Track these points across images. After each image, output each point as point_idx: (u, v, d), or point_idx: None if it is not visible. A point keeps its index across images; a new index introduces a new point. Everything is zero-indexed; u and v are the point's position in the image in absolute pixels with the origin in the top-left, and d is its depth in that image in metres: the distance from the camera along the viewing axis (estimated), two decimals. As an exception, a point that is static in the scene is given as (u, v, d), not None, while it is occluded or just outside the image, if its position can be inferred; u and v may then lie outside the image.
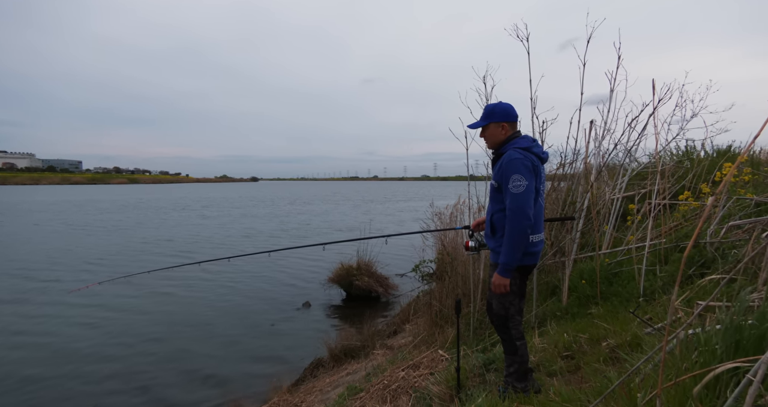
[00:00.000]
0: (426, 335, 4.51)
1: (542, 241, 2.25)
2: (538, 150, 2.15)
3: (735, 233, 2.61)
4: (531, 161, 2.06)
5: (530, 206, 2.03)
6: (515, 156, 2.06)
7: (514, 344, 2.22)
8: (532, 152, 2.11)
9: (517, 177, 2.02)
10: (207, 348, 5.80)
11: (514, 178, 2.03)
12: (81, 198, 43.72)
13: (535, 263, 2.25)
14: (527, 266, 2.21)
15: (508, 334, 2.23)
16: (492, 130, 2.24)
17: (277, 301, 7.95)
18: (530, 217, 2.03)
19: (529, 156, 2.07)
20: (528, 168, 2.04)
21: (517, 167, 2.03)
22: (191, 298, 8.13)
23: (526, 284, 2.32)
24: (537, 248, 2.20)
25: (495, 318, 2.26)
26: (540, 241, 2.22)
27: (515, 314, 2.21)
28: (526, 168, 2.03)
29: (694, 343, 1.41)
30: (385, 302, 7.87)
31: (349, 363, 4.75)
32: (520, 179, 2.02)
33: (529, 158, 2.07)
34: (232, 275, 9.83)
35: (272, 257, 11.88)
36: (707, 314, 1.77)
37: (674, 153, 5.78)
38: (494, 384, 2.50)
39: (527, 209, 2.01)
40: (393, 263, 9.13)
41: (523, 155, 2.07)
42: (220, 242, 15.03)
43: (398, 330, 5.71)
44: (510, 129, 2.22)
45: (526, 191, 2.01)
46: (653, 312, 2.55)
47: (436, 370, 3.26)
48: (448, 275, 4.99)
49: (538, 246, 2.21)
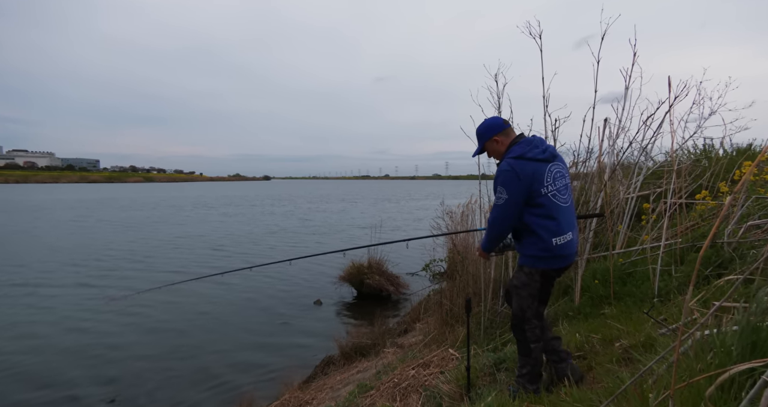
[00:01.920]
0: (436, 334, 4.51)
1: (570, 242, 2.15)
2: (534, 153, 2.11)
3: (754, 233, 2.55)
4: (520, 170, 2.06)
5: (507, 218, 2.11)
6: (502, 168, 2.12)
7: (529, 346, 2.21)
8: (526, 157, 2.10)
9: (500, 189, 2.11)
10: (218, 345, 5.88)
11: (498, 191, 2.13)
12: (103, 196, 44.74)
13: (561, 267, 2.19)
14: (549, 270, 2.16)
15: (523, 336, 2.23)
16: (490, 148, 2.31)
17: (289, 298, 8.03)
18: (506, 227, 2.16)
19: (518, 165, 2.07)
20: (513, 179, 2.05)
21: (501, 179, 2.10)
22: (203, 295, 8.25)
23: (549, 290, 2.28)
24: (562, 252, 2.12)
25: (513, 317, 2.28)
26: (567, 243, 2.13)
27: (532, 317, 2.20)
28: (510, 180, 2.06)
29: (710, 344, 1.38)
30: (396, 301, 7.88)
31: (360, 361, 4.78)
32: (502, 191, 2.10)
33: (519, 167, 2.06)
34: (245, 272, 9.94)
35: (285, 256, 12.07)
36: (723, 315, 1.73)
37: (691, 152, 5.65)
38: (504, 383, 2.49)
39: (503, 221, 2.13)
40: (403, 262, 9.13)
41: (511, 165, 2.08)
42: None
43: (409, 328, 5.72)
44: (506, 138, 2.24)
45: (505, 203, 2.09)
46: (668, 312, 2.51)
47: (446, 369, 3.26)
48: (458, 275, 4.97)
49: (565, 249, 2.13)
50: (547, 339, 2.27)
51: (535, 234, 2.11)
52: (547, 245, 2.09)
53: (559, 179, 2.16)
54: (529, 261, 2.16)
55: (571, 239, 2.15)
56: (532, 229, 2.11)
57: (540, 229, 2.09)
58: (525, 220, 2.12)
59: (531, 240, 2.13)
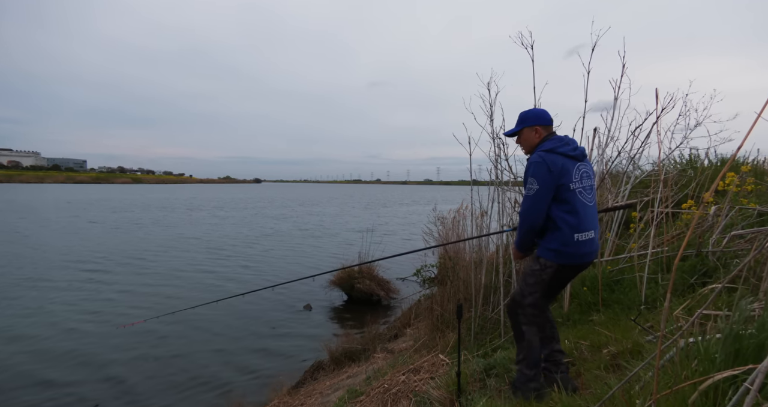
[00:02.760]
0: (427, 339, 4.52)
1: (591, 241, 2.15)
2: (565, 149, 2.15)
3: (737, 243, 2.61)
4: (551, 162, 2.09)
5: (540, 209, 2.11)
6: (533, 160, 2.15)
7: (520, 328, 2.23)
8: (557, 152, 2.14)
9: (531, 180, 2.13)
10: (208, 349, 5.82)
11: (528, 182, 2.15)
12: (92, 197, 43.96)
13: (578, 264, 2.19)
14: (566, 266, 2.16)
15: (516, 319, 2.25)
16: (526, 135, 2.31)
17: (278, 303, 7.97)
18: (538, 219, 2.13)
19: (550, 158, 2.11)
20: (544, 170, 2.08)
21: (532, 170, 2.12)
22: (192, 298, 8.16)
23: (561, 287, 2.29)
24: (582, 249, 2.13)
25: (510, 300, 2.31)
26: (588, 241, 2.13)
27: (528, 306, 2.21)
28: (540, 171, 2.09)
29: (694, 352, 1.42)
30: (386, 306, 7.88)
31: (350, 366, 4.76)
32: (533, 182, 2.11)
33: (550, 160, 2.10)
34: (235, 275, 9.87)
35: (275, 259, 12.00)
36: (708, 323, 1.77)
37: (678, 161, 5.77)
38: (495, 389, 2.50)
39: (535, 212, 2.12)
40: (394, 267, 9.14)
41: (543, 157, 2.11)
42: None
43: (399, 333, 5.71)
44: (544, 132, 2.28)
45: (536, 194, 2.10)
46: (654, 319, 2.55)
47: (436, 375, 3.26)
48: (449, 280, 4.99)
49: (586, 247, 2.14)
50: (553, 350, 2.27)
51: (558, 229, 2.12)
52: (569, 239, 2.10)
53: (585, 178, 2.20)
54: (549, 254, 2.17)
55: (592, 238, 2.16)
56: (557, 223, 2.12)
57: (563, 224, 2.11)
58: (551, 214, 2.14)
59: (554, 235, 2.14)
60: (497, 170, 4.09)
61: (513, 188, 4.29)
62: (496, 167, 4.15)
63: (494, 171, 4.17)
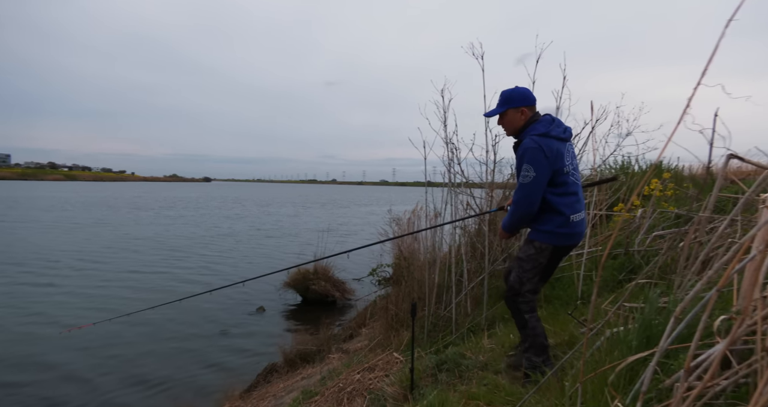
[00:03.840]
0: (382, 338, 4.61)
1: (583, 221, 2.20)
2: (557, 132, 2.12)
3: (659, 242, 2.92)
4: (547, 148, 2.04)
5: (536, 196, 2.08)
6: (528, 146, 2.07)
7: (523, 317, 2.23)
8: (551, 135, 2.09)
9: (527, 167, 2.06)
10: (156, 353, 5.56)
11: (524, 168, 2.08)
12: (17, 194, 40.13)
13: (572, 244, 2.22)
14: (561, 247, 2.19)
15: (516, 308, 2.25)
16: (510, 116, 2.23)
17: (229, 305, 7.75)
18: (534, 206, 2.10)
19: (545, 142, 2.06)
20: (541, 158, 2.04)
21: (528, 157, 2.06)
22: (132, 300, 7.71)
23: (555, 267, 2.32)
24: (576, 229, 2.16)
25: (508, 289, 2.30)
26: (580, 221, 2.18)
27: (527, 292, 2.21)
28: (537, 158, 2.04)
29: (617, 340, 1.60)
30: (342, 307, 7.89)
31: (304, 368, 4.75)
32: (529, 169, 2.05)
33: (546, 145, 2.05)
34: (191, 277, 9.45)
35: (223, 260, 11.61)
36: (630, 315, 1.99)
37: (612, 167, 6.28)
38: (445, 382, 2.63)
39: (531, 199, 2.09)
40: (350, 267, 9.17)
41: (538, 142, 2.05)
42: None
43: (354, 334, 5.77)
44: (529, 113, 2.21)
45: (532, 181, 2.05)
46: (588, 314, 2.80)
47: (390, 372, 3.36)
48: (404, 280, 5.12)
49: (579, 227, 2.18)
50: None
51: (555, 211, 2.11)
52: (566, 220, 2.11)
53: (573, 158, 2.21)
54: (544, 237, 2.15)
55: (583, 218, 2.20)
56: (554, 206, 2.11)
57: (562, 206, 2.11)
58: (546, 198, 2.11)
59: (549, 217, 2.13)
60: (450, 174, 4.27)
61: (465, 191, 4.48)
62: (449, 170, 4.32)
63: (447, 174, 4.34)
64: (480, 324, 3.72)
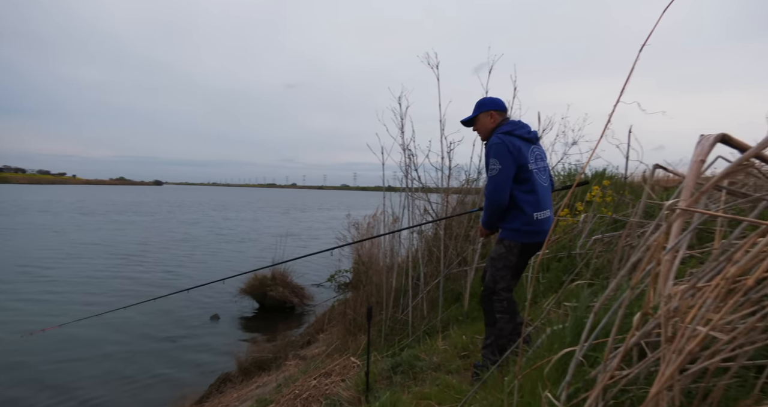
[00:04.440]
0: (339, 343, 4.60)
1: (548, 219, 2.30)
2: (521, 132, 2.29)
3: (598, 245, 3.14)
4: (510, 144, 2.21)
5: (503, 188, 2.21)
6: (493, 142, 2.25)
7: (494, 316, 2.32)
8: (514, 134, 2.27)
9: (493, 161, 2.23)
10: (95, 368, 5.23)
11: (491, 162, 2.24)
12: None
13: (539, 242, 2.30)
14: (529, 244, 2.28)
15: (490, 306, 2.35)
16: (482, 120, 2.43)
17: (180, 315, 7.42)
18: (503, 197, 2.22)
19: (507, 139, 2.23)
20: (504, 152, 2.20)
21: (494, 152, 2.22)
22: (75, 310, 7.22)
23: (525, 264, 2.42)
24: (542, 227, 2.26)
25: (484, 288, 2.40)
26: (546, 219, 2.28)
27: (501, 290, 2.30)
28: (501, 152, 2.20)
29: (555, 337, 1.71)
30: (300, 313, 7.79)
31: (260, 376, 4.65)
32: (495, 163, 2.22)
33: (509, 141, 2.21)
34: (127, 286, 8.95)
35: (175, 268, 11.12)
36: (570, 313, 2.12)
37: (560, 174, 6.64)
38: (400, 384, 2.68)
39: (500, 191, 2.21)
40: (309, 273, 9.08)
41: (502, 139, 2.23)
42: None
43: (312, 339, 5.72)
44: (499, 117, 2.41)
45: (499, 173, 2.20)
46: (534, 313, 2.95)
47: (347, 376, 3.36)
48: (362, 285, 5.14)
49: (545, 225, 2.28)
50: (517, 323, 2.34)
51: (519, 209, 2.24)
52: (530, 218, 2.23)
53: (539, 160, 2.35)
54: (511, 235, 2.28)
55: (548, 217, 2.32)
56: (517, 204, 2.24)
57: (524, 203, 2.24)
58: (512, 194, 2.24)
59: (515, 214, 2.26)
60: (407, 179, 4.36)
61: (422, 196, 4.59)
62: (406, 176, 4.41)
63: (405, 180, 4.43)
64: (435, 326, 3.81)
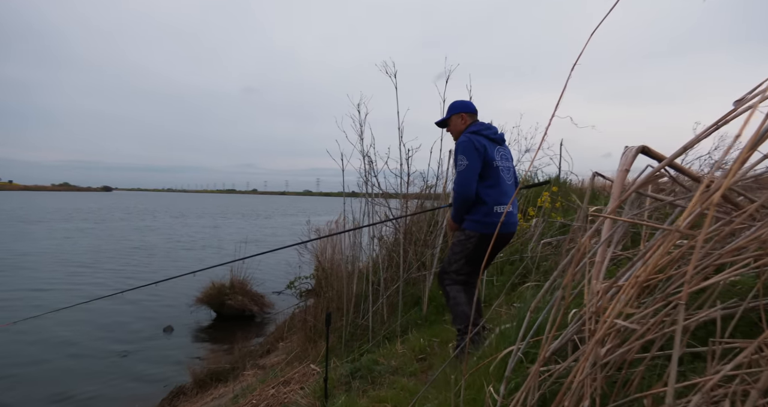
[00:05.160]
0: (299, 351, 4.55)
1: (510, 214, 2.46)
2: (487, 132, 2.45)
3: (547, 248, 3.32)
4: (477, 142, 2.36)
5: (470, 182, 2.35)
6: (461, 140, 2.42)
7: (446, 289, 2.49)
8: (482, 134, 2.42)
9: (460, 157, 2.37)
10: (39, 384, 4.87)
11: (459, 158, 2.38)
12: None
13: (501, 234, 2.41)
14: (487, 235, 2.38)
15: (442, 285, 2.51)
16: (453, 121, 2.58)
17: (132, 327, 7.05)
18: (470, 191, 2.36)
19: (475, 138, 2.38)
20: (471, 149, 2.34)
21: (461, 149, 2.37)
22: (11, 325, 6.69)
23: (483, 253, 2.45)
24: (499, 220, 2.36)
25: (440, 268, 2.55)
26: (507, 213, 2.42)
27: (452, 272, 2.46)
28: (468, 149, 2.34)
29: (504, 336, 1.80)
30: (261, 322, 7.61)
31: (216, 388, 4.51)
32: (462, 159, 2.36)
33: (475, 139, 2.37)
34: (70, 296, 8.37)
35: (123, 276, 10.53)
36: (518, 313, 2.23)
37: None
38: (358, 389, 2.69)
39: (467, 184, 2.35)
40: (269, 280, 8.90)
41: (469, 137, 2.38)
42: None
43: (272, 348, 5.61)
44: (469, 119, 2.56)
45: (466, 169, 2.35)
46: (488, 315, 3.06)
47: (306, 384, 3.33)
48: (323, 291, 5.12)
49: (505, 218, 2.39)
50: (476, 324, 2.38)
51: (481, 201, 2.39)
52: (489, 209, 2.38)
53: (504, 160, 2.51)
54: (471, 225, 2.43)
55: (510, 211, 2.48)
56: (480, 197, 2.39)
57: (486, 196, 2.38)
58: (478, 191, 2.38)
59: (477, 207, 2.41)
60: (367, 185, 4.41)
61: (381, 201, 4.65)
62: (366, 182, 4.46)
63: (365, 186, 4.48)
64: (395, 330, 3.86)
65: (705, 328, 1.12)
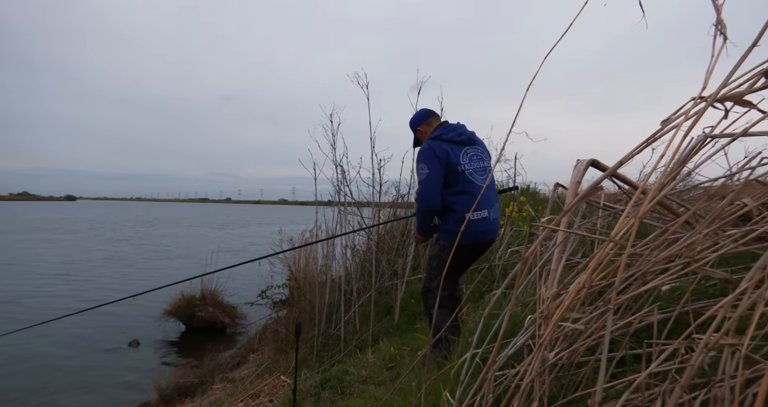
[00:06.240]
0: (270, 362, 4.48)
1: (486, 219, 2.29)
2: (450, 136, 2.34)
3: (515, 256, 3.41)
4: (438, 148, 2.27)
5: (433, 190, 2.26)
6: (421, 148, 2.37)
7: (430, 312, 2.43)
8: (443, 139, 2.33)
9: (421, 166, 2.31)
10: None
11: (420, 167, 2.32)
12: None
13: (478, 242, 2.31)
14: (462, 245, 2.23)
15: (427, 304, 2.45)
16: (421, 134, 2.54)
17: (94, 340, 6.74)
18: (433, 200, 2.27)
19: (435, 144, 2.30)
20: (431, 156, 2.27)
21: (422, 157, 2.31)
22: None
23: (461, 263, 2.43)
24: (477, 228, 2.27)
25: (423, 286, 2.49)
26: (482, 219, 2.28)
27: (434, 288, 2.37)
28: (428, 157, 2.27)
29: (468, 342, 1.84)
30: (232, 334, 7.43)
31: (183, 403, 4.37)
32: (423, 167, 2.29)
33: (435, 145, 2.29)
34: (22, 312, 7.92)
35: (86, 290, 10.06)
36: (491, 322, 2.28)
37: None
38: (328, 399, 2.68)
39: (429, 193, 2.27)
40: (242, 290, 8.69)
41: (429, 144, 2.31)
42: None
43: (242, 361, 5.48)
44: (427, 127, 2.49)
45: (427, 177, 2.27)
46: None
47: (275, 396, 3.28)
48: (296, 301, 5.07)
49: (480, 225, 2.28)
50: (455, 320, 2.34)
51: (452, 211, 2.28)
52: (461, 217, 2.25)
53: (475, 161, 2.37)
54: (444, 235, 2.34)
55: (486, 217, 2.30)
56: (451, 206, 2.28)
57: (457, 205, 2.27)
58: (446, 199, 2.28)
59: (447, 215, 2.31)
60: (339, 194, 4.43)
61: (354, 210, 4.67)
62: (339, 191, 4.48)
63: (337, 195, 4.49)
64: (367, 340, 3.86)
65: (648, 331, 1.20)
